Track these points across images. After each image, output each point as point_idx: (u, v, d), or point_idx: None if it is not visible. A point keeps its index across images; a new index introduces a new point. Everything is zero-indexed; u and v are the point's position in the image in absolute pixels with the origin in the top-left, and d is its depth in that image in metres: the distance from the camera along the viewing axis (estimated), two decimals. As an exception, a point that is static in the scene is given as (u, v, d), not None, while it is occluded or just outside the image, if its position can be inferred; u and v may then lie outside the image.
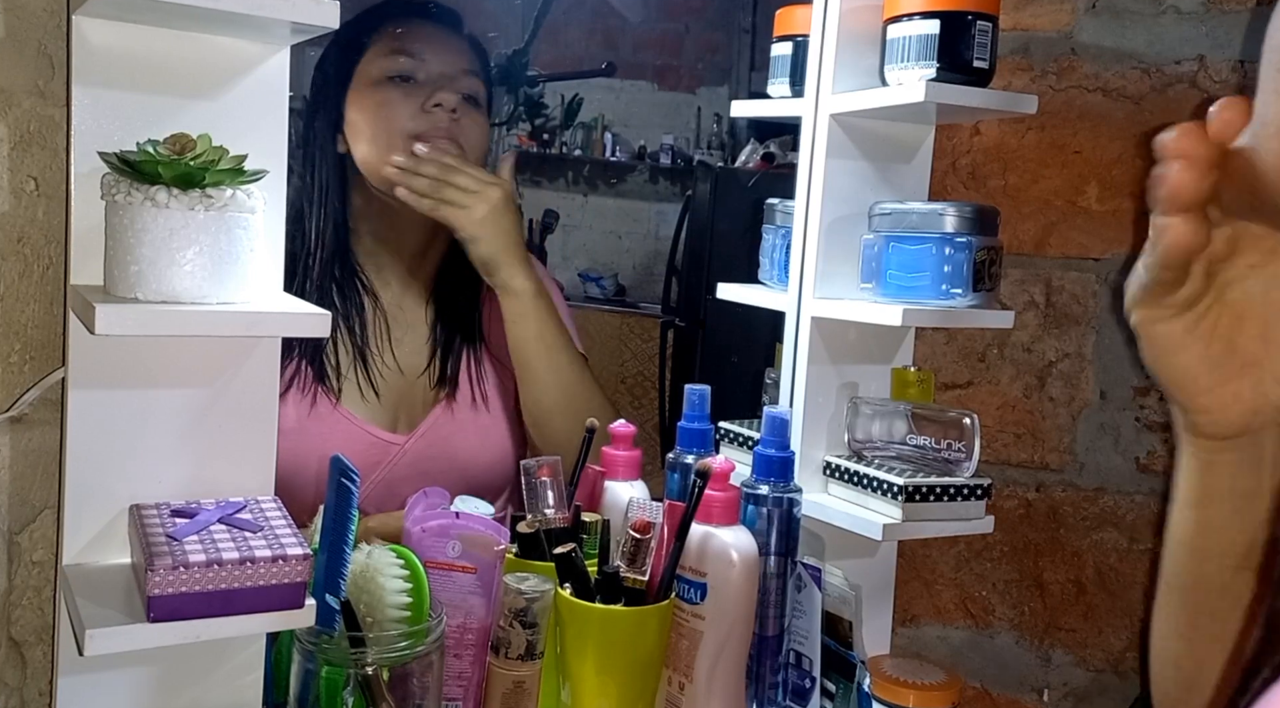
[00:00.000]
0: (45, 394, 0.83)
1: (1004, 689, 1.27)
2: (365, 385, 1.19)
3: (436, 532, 0.88)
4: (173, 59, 0.78)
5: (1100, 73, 1.21)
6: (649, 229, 4.31)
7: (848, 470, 1.06)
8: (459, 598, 0.88)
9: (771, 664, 0.98)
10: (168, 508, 0.78)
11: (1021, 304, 1.24)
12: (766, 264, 1.17)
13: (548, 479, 0.92)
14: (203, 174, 0.72)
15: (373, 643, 0.80)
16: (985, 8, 0.98)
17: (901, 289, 1.00)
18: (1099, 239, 1.22)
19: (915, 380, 1.11)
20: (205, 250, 0.72)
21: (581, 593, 0.86)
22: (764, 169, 2.21)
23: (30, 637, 0.86)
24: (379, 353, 1.21)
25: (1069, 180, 1.22)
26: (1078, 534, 1.24)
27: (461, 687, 0.89)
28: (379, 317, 1.22)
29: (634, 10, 4.05)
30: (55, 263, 0.84)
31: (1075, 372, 1.24)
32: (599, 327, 3.28)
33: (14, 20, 0.80)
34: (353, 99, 1.19)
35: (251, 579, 0.72)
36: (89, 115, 0.77)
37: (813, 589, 0.98)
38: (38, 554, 0.86)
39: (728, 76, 4.04)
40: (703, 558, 0.89)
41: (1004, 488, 1.25)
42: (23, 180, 0.82)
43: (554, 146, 4.22)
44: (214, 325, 0.73)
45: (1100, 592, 1.24)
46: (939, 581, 1.27)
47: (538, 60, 2.90)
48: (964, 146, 1.24)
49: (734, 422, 1.19)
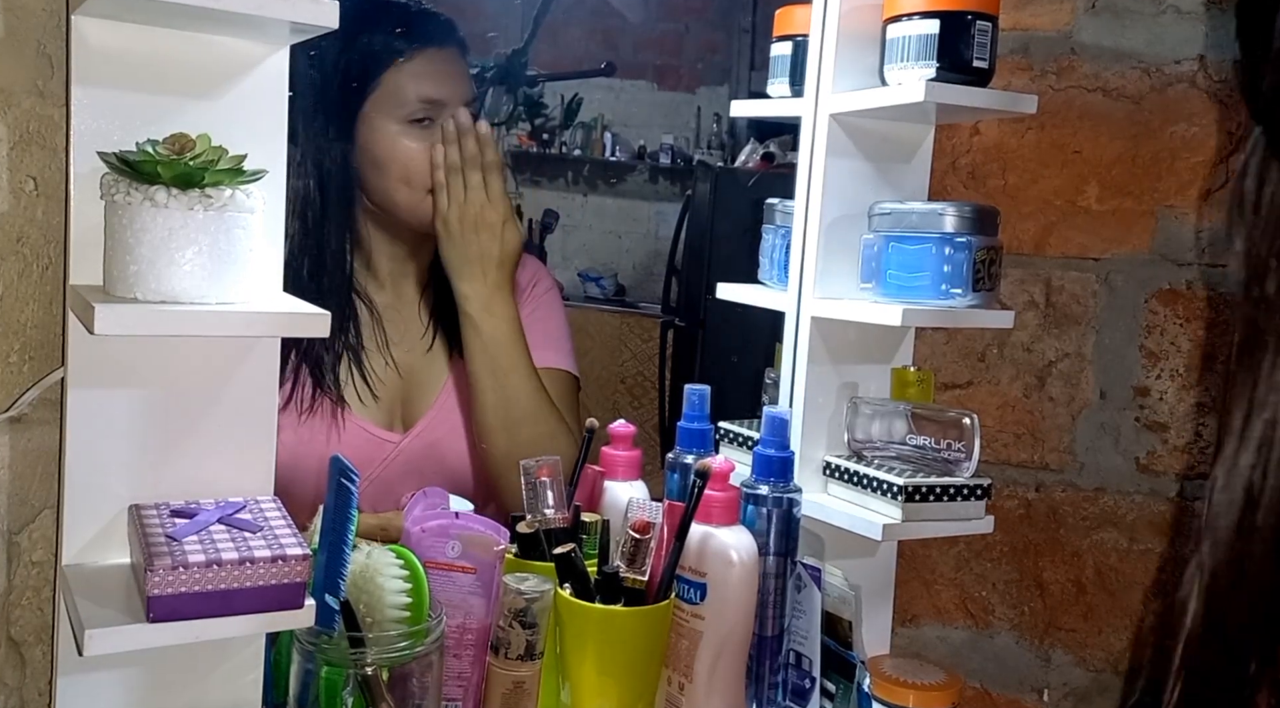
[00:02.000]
0: (45, 394, 0.83)
1: (1004, 689, 1.27)
2: (361, 384, 1.20)
3: (436, 532, 0.88)
4: (173, 59, 0.78)
5: (1100, 72, 1.21)
6: (649, 229, 4.31)
7: (847, 470, 1.06)
8: (459, 598, 0.88)
9: (771, 664, 0.98)
10: (167, 508, 0.78)
11: (1021, 304, 1.24)
12: (766, 264, 1.17)
13: (548, 479, 0.91)
14: (202, 174, 0.72)
15: (372, 643, 0.80)
16: (985, 7, 0.98)
17: (901, 289, 1.00)
18: (1099, 239, 1.22)
19: (915, 380, 1.11)
20: (204, 250, 0.72)
21: (581, 593, 0.86)
22: (764, 169, 2.21)
23: (30, 637, 0.86)
24: (375, 352, 1.21)
25: (1069, 180, 1.22)
26: (1078, 534, 1.24)
27: (461, 687, 0.89)
28: (374, 316, 1.22)
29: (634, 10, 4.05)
30: (54, 263, 0.84)
31: (1075, 372, 1.23)
32: (599, 327, 3.28)
33: (14, 20, 0.80)
34: (370, 127, 1.18)
35: (251, 579, 0.72)
36: (88, 115, 0.77)
37: (813, 589, 0.98)
38: (37, 554, 0.86)
39: (728, 76, 4.04)
40: (702, 558, 0.89)
41: (1004, 488, 1.25)
42: (22, 180, 0.81)
43: (554, 146, 4.22)
44: (213, 325, 0.73)
45: (1100, 592, 1.24)
46: (939, 581, 1.27)
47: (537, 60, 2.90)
48: (964, 146, 1.24)
49: (734, 422, 1.19)
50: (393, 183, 1.19)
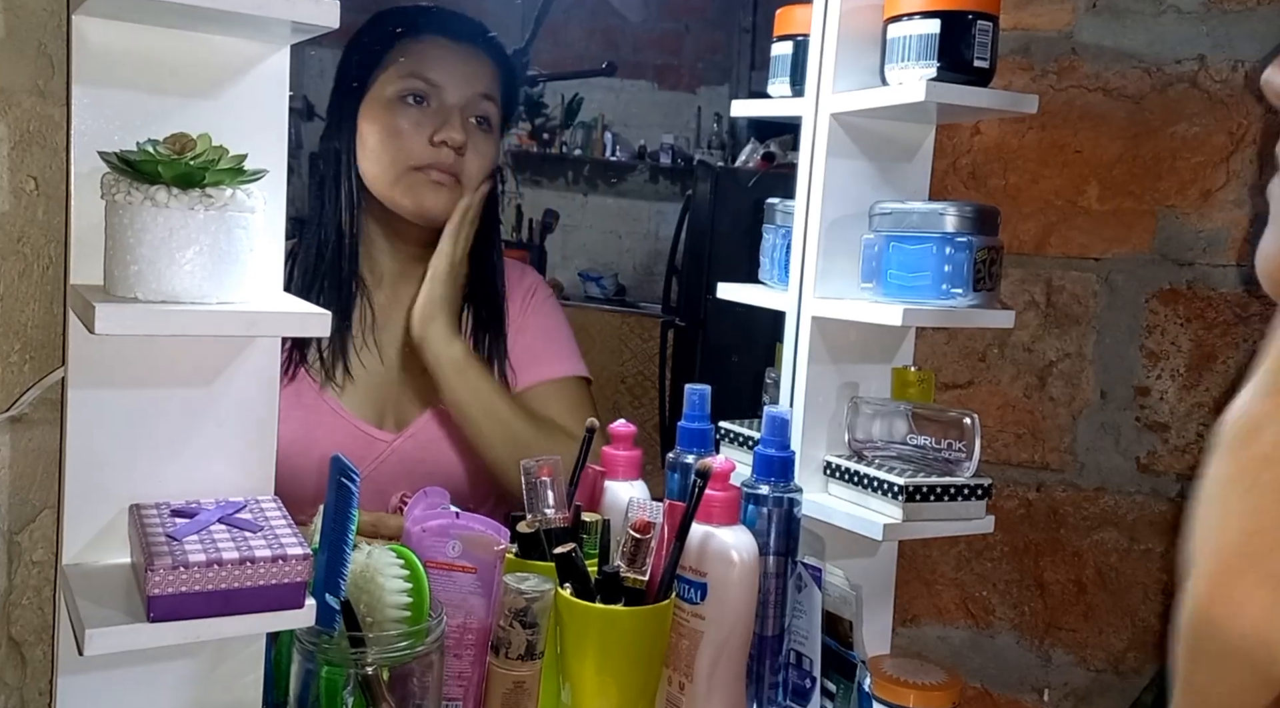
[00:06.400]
0: (45, 394, 0.83)
1: (1004, 689, 1.27)
2: (353, 382, 1.20)
3: (436, 532, 0.88)
4: (173, 59, 0.78)
5: (1100, 72, 1.21)
6: (649, 229, 4.31)
7: (848, 470, 1.06)
8: (459, 598, 0.88)
9: (772, 664, 0.98)
10: (167, 508, 0.78)
11: (1022, 304, 1.24)
12: (767, 264, 1.17)
13: (548, 479, 0.91)
14: (202, 174, 0.72)
15: (373, 643, 0.80)
16: (985, 7, 0.98)
17: (902, 289, 1.00)
18: (1099, 239, 1.22)
19: (915, 380, 1.11)
20: (205, 250, 0.72)
21: (581, 593, 0.86)
22: (764, 169, 2.21)
23: (30, 636, 0.86)
24: (370, 350, 1.22)
25: (1069, 180, 1.22)
26: (1078, 534, 1.24)
27: (461, 687, 0.89)
28: (367, 312, 1.22)
29: (634, 10, 4.04)
30: (55, 262, 0.84)
31: (1075, 372, 1.24)
32: (599, 327, 3.28)
33: (14, 20, 0.80)
34: (365, 112, 1.20)
35: (251, 579, 0.72)
36: (89, 115, 0.77)
37: (813, 589, 0.98)
38: (38, 554, 0.86)
39: (728, 76, 4.04)
40: (703, 558, 0.89)
41: (1004, 488, 1.25)
42: (23, 180, 0.82)
43: (554, 146, 4.22)
44: (214, 325, 0.73)
45: (1100, 592, 1.24)
46: (939, 581, 1.27)
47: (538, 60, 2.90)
48: (964, 146, 1.24)
49: (734, 421, 1.19)
50: (369, 157, 1.19)
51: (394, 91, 1.19)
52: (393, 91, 1.19)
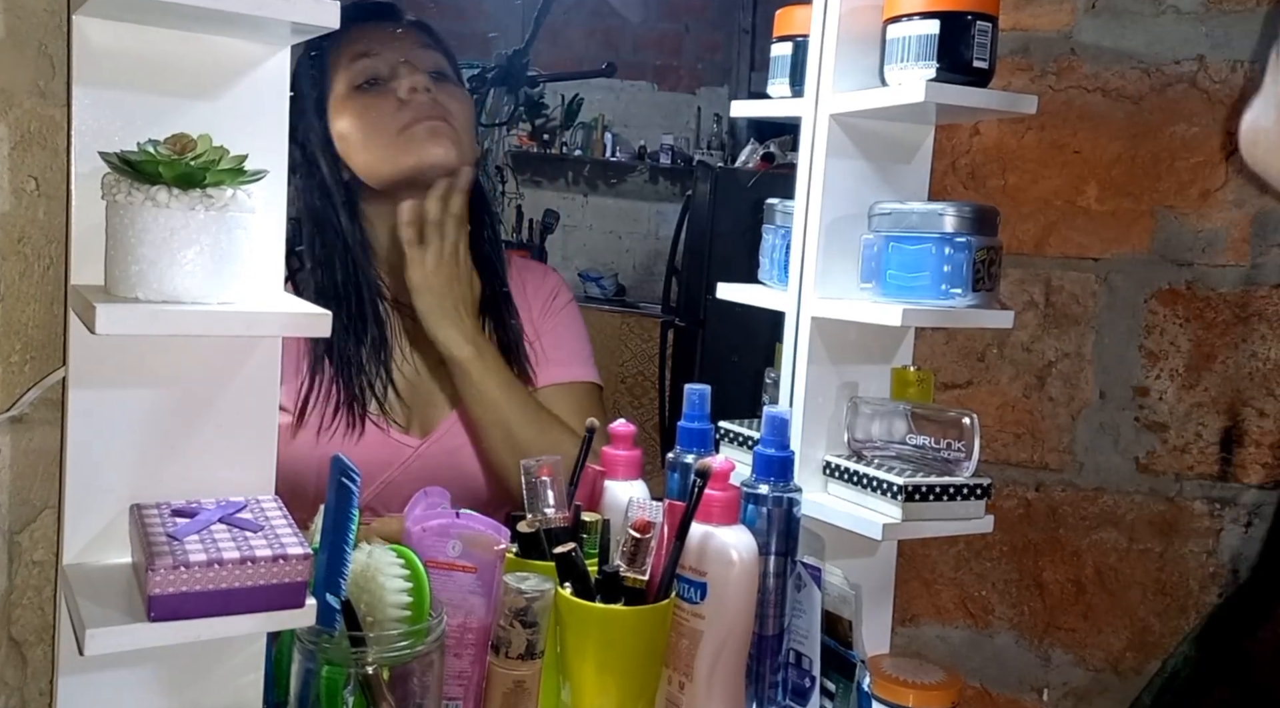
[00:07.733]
0: (45, 394, 0.83)
1: (1004, 689, 1.28)
2: (384, 386, 1.19)
3: (437, 531, 0.88)
4: (173, 59, 0.78)
5: (1100, 73, 1.21)
6: (649, 229, 4.31)
7: (847, 470, 1.06)
8: (459, 598, 0.88)
9: (771, 664, 0.98)
10: (168, 507, 0.78)
11: (1021, 304, 1.24)
12: (766, 264, 1.17)
13: (548, 479, 0.92)
14: (203, 174, 0.72)
15: (373, 643, 0.80)
16: (985, 8, 0.98)
17: (901, 289, 1.00)
18: (1098, 239, 1.22)
19: (915, 380, 1.11)
20: (206, 250, 0.72)
21: (581, 593, 0.86)
22: (764, 169, 2.21)
23: (30, 636, 0.86)
24: (399, 355, 1.21)
25: (1069, 180, 1.23)
26: (1077, 534, 1.24)
27: (462, 686, 0.89)
28: (395, 321, 1.22)
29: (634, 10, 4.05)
30: (56, 263, 0.84)
31: (1075, 372, 1.24)
32: (599, 327, 3.29)
33: (14, 20, 0.80)
34: (334, 117, 1.20)
35: (252, 579, 0.72)
36: (89, 115, 0.77)
37: (813, 589, 0.98)
38: (38, 554, 0.86)
39: (728, 76, 4.04)
40: (703, 558, 0.89)
41: (1004, 488, 1.25)
42: (23, 180, 0.82)
43: (554, 147, 4.23)
44: (214, 325, 0.73)
45: (1100, 592, 1.24)
46: (939, 580, 1.28)
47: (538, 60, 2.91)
48: (964, 146, 1.24)
49: (734, 421, 1.19)
50: (357, 152, 1.19)
51: (347, 85, 1.20)
52: (346, 85, 1.20)
